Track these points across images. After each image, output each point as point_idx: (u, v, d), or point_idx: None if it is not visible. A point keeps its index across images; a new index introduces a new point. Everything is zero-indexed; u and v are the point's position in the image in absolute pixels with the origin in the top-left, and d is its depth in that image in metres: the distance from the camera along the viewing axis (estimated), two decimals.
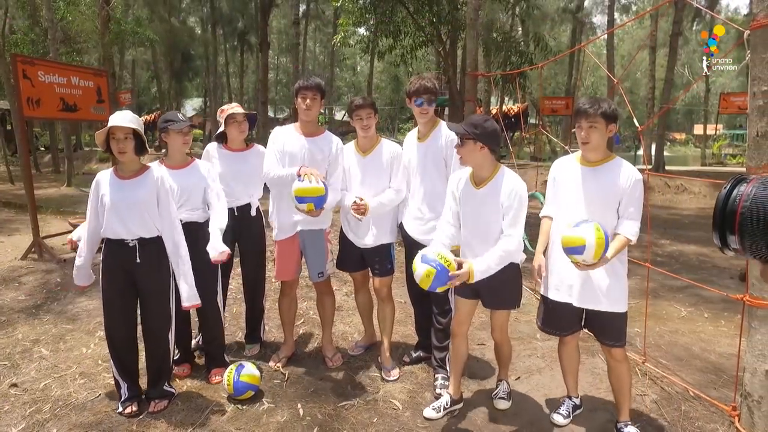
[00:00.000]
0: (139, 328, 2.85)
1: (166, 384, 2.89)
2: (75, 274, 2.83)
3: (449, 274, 2.32)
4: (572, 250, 2.21)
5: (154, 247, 2.70)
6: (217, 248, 2.84)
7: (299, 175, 2.82)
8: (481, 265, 2.45)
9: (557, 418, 2.73)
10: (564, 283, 2.50)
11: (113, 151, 2.62)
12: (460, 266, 2.38)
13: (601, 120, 2.32)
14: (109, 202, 2.61)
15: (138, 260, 2.65)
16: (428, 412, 2.79)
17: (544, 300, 2.63)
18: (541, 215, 2.69)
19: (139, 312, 2.83)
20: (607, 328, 2.48)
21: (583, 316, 2.56)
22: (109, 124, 2.57)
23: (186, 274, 2.75)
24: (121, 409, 2.74)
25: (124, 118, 2.58)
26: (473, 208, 2.59)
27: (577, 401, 2.84)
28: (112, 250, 2.66)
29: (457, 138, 2.53)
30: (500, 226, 2.52)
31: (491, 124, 2.49)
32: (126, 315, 2.75)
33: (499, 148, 2.57)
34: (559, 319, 2.60)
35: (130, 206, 2.62)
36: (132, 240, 2.64)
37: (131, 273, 2.68)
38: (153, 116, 27.32)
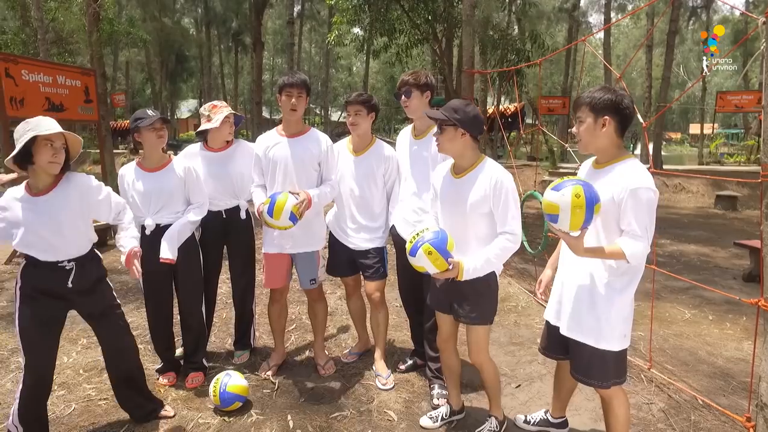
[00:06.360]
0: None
1: None
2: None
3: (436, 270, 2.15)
4: (549, 218, 1.87)
5: (89, 265, 2.32)
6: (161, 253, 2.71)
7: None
8: (471, 263, 2.21)
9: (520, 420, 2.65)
10: (553, 300, 2.24)
11: (42, 162, 2.11)
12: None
13: (587, 111, 1.98)
14: (26, 223, 2.15)
15: (70, 285, 2.24)
16: (425, 421, 2.67)
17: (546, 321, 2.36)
18: None
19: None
20: (576, 359, 2.14)
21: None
22: (43, 131, 2.08)
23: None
24: None
25: (54, 123, 2.14)
26: (451, 199, 2.33)
27: (554, 420, 2.61)
28: (37, 274, 2.21)
29: (436, 125, 2.31)
30: (481, 226, 2.27)
31: (473, 109, 2.25)
32: (51, 349, 2.29)
33: (480, 135, 2.32)
34: (552, 341, 2.30)
35: (54, 223, 2.17)
36: (65, 261, 2.22)
37: (62, 298, 2.27)
38: None
